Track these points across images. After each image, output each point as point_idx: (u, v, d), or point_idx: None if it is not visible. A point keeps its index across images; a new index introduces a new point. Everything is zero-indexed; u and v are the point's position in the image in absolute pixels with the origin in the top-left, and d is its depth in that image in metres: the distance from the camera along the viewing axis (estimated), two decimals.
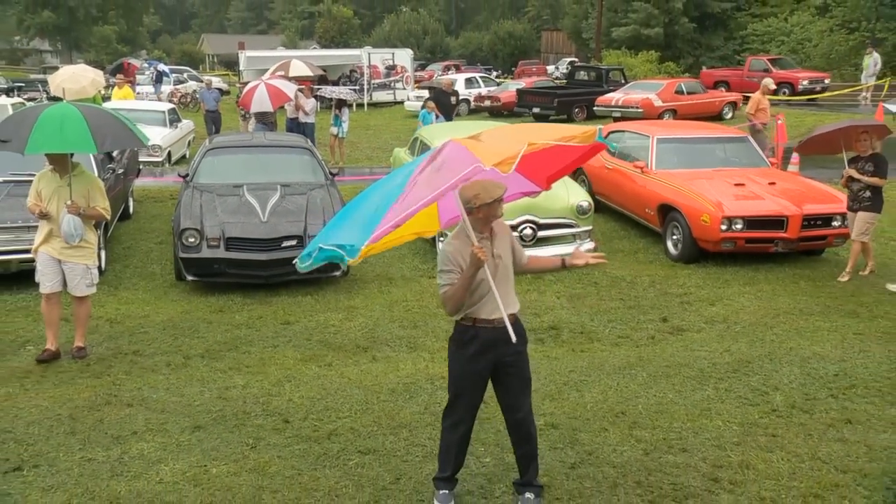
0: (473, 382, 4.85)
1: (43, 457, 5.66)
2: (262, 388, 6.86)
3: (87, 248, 7.35)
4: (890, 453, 5.66)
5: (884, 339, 7.90)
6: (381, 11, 78.51)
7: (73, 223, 7.03)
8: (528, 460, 4.97)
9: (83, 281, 7.32)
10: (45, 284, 7.26)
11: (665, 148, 11.92)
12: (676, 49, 42.71)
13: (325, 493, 5.17)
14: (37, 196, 7.19)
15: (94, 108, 8.34)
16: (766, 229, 10.18)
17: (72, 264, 7.26)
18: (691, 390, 6.74)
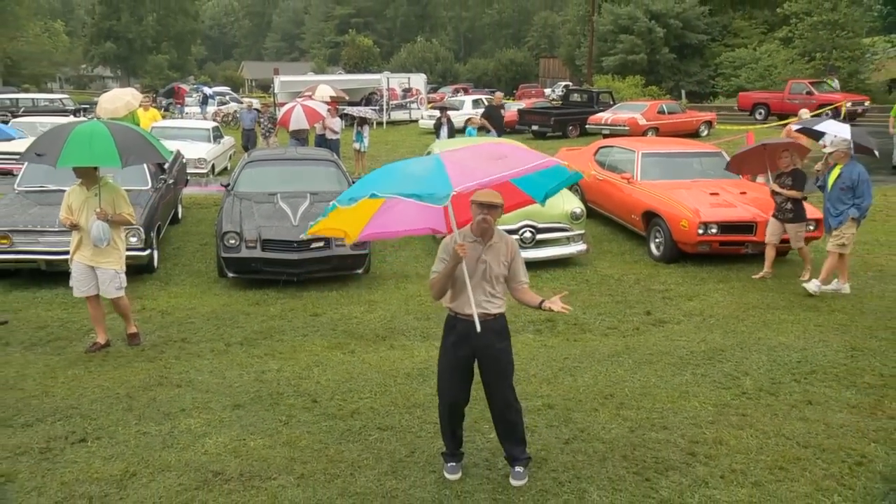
0: (452, 367, 4.91)
1: (104, 430, 5.73)
2: (294, 371, 6.91)
3: (116, 253, 7.30)
4: (845, 430, 5.67)
5: (840, 331, 7.89)
6: (399, 41, 78.51)
7: (101, 228, 7.01)
8: (505, 439, 5.01)
9: (112, 284, 7.27)
10: (79, 289, 7.24)
11: (649, 161, 11.90)
12: (659, 74, 42.61)
13: (349, 464, 5.20)
14: (68, 210, 7.14)
15: (122, 126, 8.29)
16: (737, 233, 10.17)
17: (102, 269, 7.21)
18: (671, 375, 6.74)
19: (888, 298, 9.03)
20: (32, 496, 4.85)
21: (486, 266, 4.72)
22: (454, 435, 5.08)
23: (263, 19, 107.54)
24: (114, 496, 4.83)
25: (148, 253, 9.77)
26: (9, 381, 6.61)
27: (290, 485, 4.94)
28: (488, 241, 4.74)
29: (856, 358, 7.15)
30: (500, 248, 4.77)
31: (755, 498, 4.80)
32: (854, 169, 8.74)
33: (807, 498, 4.81)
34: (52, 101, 32.66)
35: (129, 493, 4.86)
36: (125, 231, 8.62)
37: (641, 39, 42.27)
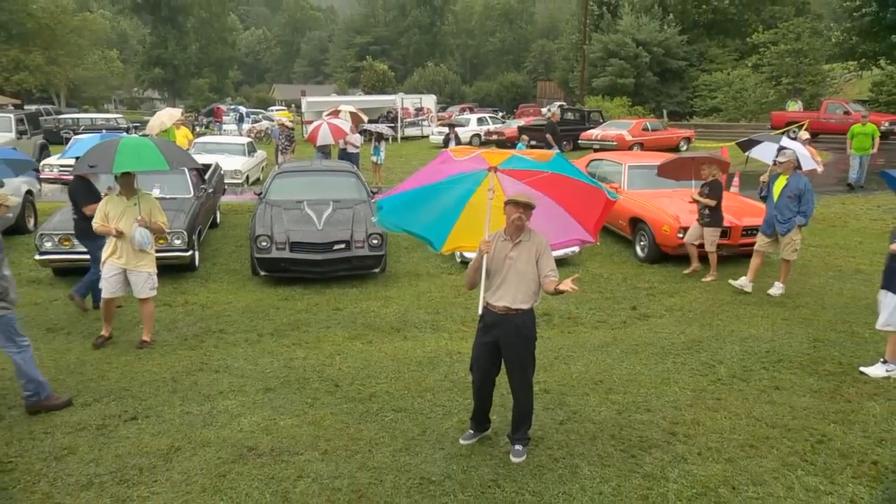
0: (480, 350, 4.96)
1: (152, 409, 5.76)
2: (318, 359, 6.92)
3: (149, 257, 7.25)
4: (808, 413, 5.67)
5: (804, 324, 7.87)
6: (412, 66, 78.51)
7: (144, 234, 7.02)
8: (517, 421, 5.03)
9: (146, 285, 7.22)
10: (108, 290, 7.17)
11: (635, 173, 11.87)
12: (643, 96, 42.56)
13: (367, 441, 5.22)
14: (103, 217, 7.08)
15: (162, 139, 8.48)
16: None
17: (137, 272, 7.16)
18: (654, 363, 6.74)
19: (846, 295, 9.01)
20: (91, 466, 4.89)
21: (513, 262, 4.72)
22: (479, 409, 5.15)
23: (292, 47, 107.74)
24: (161, 468, 4.86)
25: (190, 254, 9.81)
26: (70, 366, 6.66)
27: (315, 459, 4.96)
28: (517, 239, 4.74)
29: (818, 348, 7.14)
30: (529, 246, 4.75)
31: (728, 472, 4.79)
32: (800, 179, 8.71)
33: (774, 472, 4.80)
34: (108, 120, 32.77)
35: (174, 466, 4.89)
36: (169, 234, 8.68)
37: (628, 64, 42.16)
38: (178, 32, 70.12)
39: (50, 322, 7.98)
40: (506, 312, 4.73)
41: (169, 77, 70.34)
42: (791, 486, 4.65)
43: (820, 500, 4.53)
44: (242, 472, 4.81)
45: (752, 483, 4.68)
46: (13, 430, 5.46)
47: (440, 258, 10.87)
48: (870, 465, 4.92)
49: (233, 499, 4.51)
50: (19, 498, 4.55)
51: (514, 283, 4.73)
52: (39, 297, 8.90)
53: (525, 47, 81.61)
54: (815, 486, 4.67)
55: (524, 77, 72.97)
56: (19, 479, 4.76)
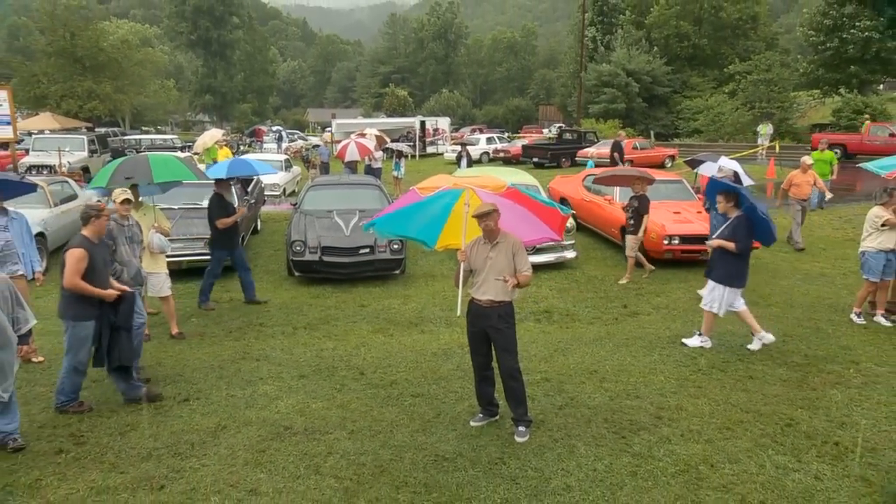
0: (471, 339, 5.08)
1: (202, 392, 5.81)
2: (346, 350, 6.94)
3: (164, 260, 7.24)
4: (778, 399, 5.64)
5: (775, 320, 7.79)
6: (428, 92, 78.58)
7: (161, 238, 7.08)
8: (511, 402, 5.04)
9: (165, 284, 7.20)
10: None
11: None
12: (633, 119, 42.41)
13: (388, 423, 5.23)
14: None
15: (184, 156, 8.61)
16: (694, 243, 10.05)
17: (155, 274, 7.12)
18: (643, 355, 6.71)
19: (811, 296, 8.93)
20: (150, 441, 4.94)
21: (493, 261, 4.82)
22: (482, 393, 5.19)
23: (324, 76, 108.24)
24: (210, 443, 4.90)
25: None
26: None
27: (342, 438, 4.98)
28: (494, 241, 4.83)
29: (787, 342, 7.08)
30: (505, 246, 4.84)
31: (707, 452, 4.77)
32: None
33: (748, 452, 4.78)
34: (165, 140, 33.15)
35: (221, 442, 4.93)
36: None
37: (620, 91, 42.12)
38: (226, 64, 70.71)
39: None
40: (490, 305, 4.85)
41: (217, 103, 70.98)
42: (763, 464, 4.62)
43: (788, 476, 4.49)
44: (280, 448, 4.83)
45: (728, 461, 4.65)
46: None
47: (454, 261, 10.86)
48: (832, 445, 4.90)
49: (271, 471, 4.53)
50: (91, 467, 4.60)
51: (496, 278, 4.82)
52: None
53: (528, 76, 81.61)
54: (784, 464, 4.64)
55: (527, 102, 72.93)
56: (90, 450, 4.83)
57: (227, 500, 4.20)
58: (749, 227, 6.61)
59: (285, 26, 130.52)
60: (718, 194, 6.84)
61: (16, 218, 6.83)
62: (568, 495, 4.25)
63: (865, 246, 7.61)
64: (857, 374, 6.23)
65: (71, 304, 5.34)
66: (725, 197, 6.71)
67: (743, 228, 6.60)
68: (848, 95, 33.85)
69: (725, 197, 6.71)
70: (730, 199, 6.68)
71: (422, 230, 5.19)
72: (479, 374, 5.14)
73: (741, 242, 6.56)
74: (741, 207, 6.63)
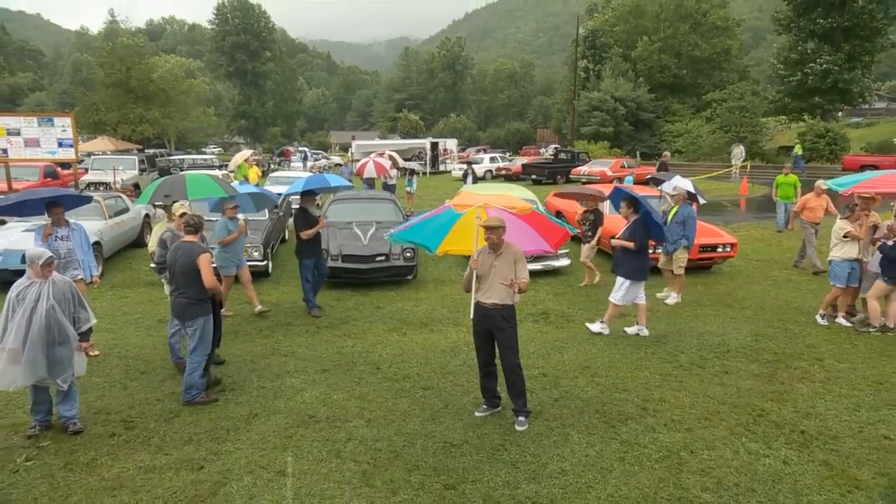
0: (477, 338, 5.09)
1: (236, 384, 5.83)
2: (364, 347, 6.94)
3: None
4: (750, 392, 5.61)
5: (748, 321, 7.76)
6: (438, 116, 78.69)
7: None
8: (512, 394, 5.03)
9: None
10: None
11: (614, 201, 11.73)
12: (621, 141, 42.36)
13: (402, 412, 5.23)
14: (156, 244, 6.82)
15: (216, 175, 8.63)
16: None
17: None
18: (630, 353, 6.67)
19: (780, 300, 8.85)
20: (191, 426, 4.97)
21: (497, 269, 4.83)
22: (486, 386, 5.19)
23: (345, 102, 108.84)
24: (243, 429, 4.92)
25: (265, 263, 9.90)
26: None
27: (361, 426, 4.98)
28: (498, 251, 4.85)
29: (758, 341, 7.03)
30: (507, 255, 4.87)
31: (688, 439, 4.74)
32: (686, 209, 8.62)
33: (723, 439, 4.75)
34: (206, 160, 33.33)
35: (253, 428, 4.95)
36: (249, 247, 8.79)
37: (609, 116, 42.11)
38: (259, 92, 71.29)
39: (160, 314, 8.09)
40: (494, 307, 4.86)
41: (251, 126, 71.58)
42: (737, 451, 4.60)
43: (759, 461, 4.46)
44: (305, 434, 4.84)
45: (706, 448, 4.63)
46: (135, 396, 5.57)
47: (460, 268, 10.88)
48: (799, 433, 4.87)
49: (297, 455, 4.54)
50: (140, 449, 4.64)
51: (498, 284, 4.83)
52: (153, 296, 9.03)
53: (527, 102, 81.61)
54: (755, 450, 4.61)
55: (526, 125, 72.83)
56: (139, 434, 4.87)
57: (258, 480, 4.21)
58: (646, 228, 6.94)
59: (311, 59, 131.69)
60: (622, 201, 7.16)
61: (76, 228, 6.89)
62: (563, 478, 4.24)
63: (832, 255, 7.57)
64: (821, 369, 6.18)
65: (202, 303, 5.38)
66: (627, 203, 7.09)
67: (640, 230, 6.95)
68: (811, 121, 34.17)
69: (627, 203, 7.09)
70: (630, 205, 7.08)
71: (427, 237, 5.31)
72: (484, 369, 5.14)
73: (639, 241, 6.90)
74: (639, 212, 6.93)
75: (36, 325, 4.55)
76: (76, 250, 6.76)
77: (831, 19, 32.55)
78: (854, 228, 7.34)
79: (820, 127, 32.42)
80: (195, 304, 5.36)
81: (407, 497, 4.03)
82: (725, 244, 10.15)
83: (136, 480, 4.23)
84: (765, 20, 55.78)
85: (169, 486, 4.15)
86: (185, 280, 5.31)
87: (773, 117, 39.61)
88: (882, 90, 67.31)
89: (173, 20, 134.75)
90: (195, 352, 5.40)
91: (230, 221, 7.82)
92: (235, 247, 7.84)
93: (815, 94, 34.06)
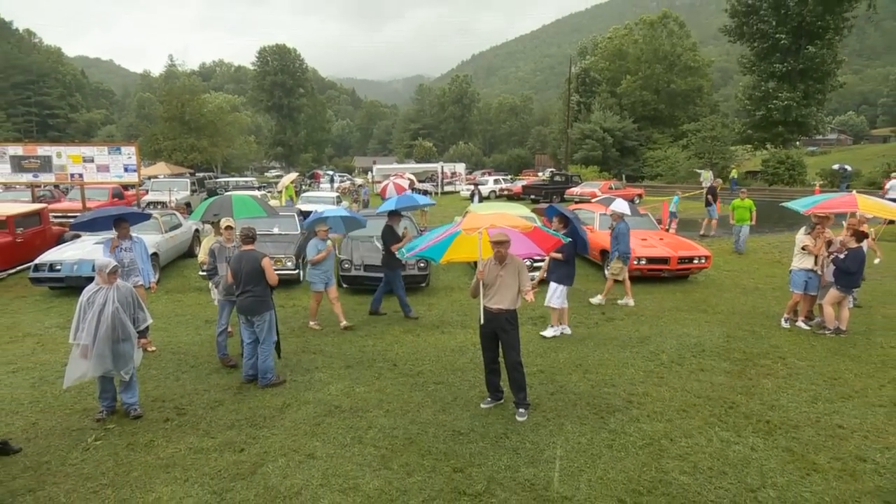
0: (483, 339, 5.05)
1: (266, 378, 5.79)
2: (382, 346, 6.93)
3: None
4: (723, 387, 5.56)
5: (721, 324, 7.69)
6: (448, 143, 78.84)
7: None
8: (514, 388, 5.00)
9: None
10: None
11: (603, 219, 11.66)
12: (609, 165, 42.36)
13: (416, 404, 5.22)
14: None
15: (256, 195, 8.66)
16: (658, 264, 9.96)
17: None
18: (617, 352, 6.63)
19: (748, 305, 8.77)
20: (233, 414, 4.99)
21: (503, 278, 4.83)
22: (490, 382, 5.16)
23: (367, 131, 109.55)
24: (277, 417, 4.94)
25: (297, 272, 9.91)
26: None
27: (380, 415, 4.98)
28: (503, 262, 4.84)
29: (730, 342, 6.96)
30: (511, 266, 4.86)
31: (668, 429, 4.70)
32: (621, 225, 8.70)
33: (699, 429, 4.70)
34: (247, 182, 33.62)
35: (286, 416, 4.96)
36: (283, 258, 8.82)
37: (598, 143, 42.23)
38: (293, 123, 72.04)
39: (207, 316, 8.16)
40: (499, 312, 4.83)
41: (285, 153, 72.25)
42: (711, 438, 4.55)
43: (730, 448, 4.42)
44: (331, 422, 4.85)
45: (684, 436, 4.59)
46: (185, 387, 5.61)
47: (468, 276, 10.88)
48: (764, 423, 4.83)
49: (324, 440, 4.55)
50: (190, 432, 4.67)
51: (503, 291, 4.82)
52: (201, 300, 9.10)
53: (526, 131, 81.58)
54: (727, 438, 4.57)
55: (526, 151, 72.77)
56: (189, 420, 4.91)
57: (290, 462, 4.22)
58: (574, 241, 6.97)
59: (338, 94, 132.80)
60: (554, 217, 7.25)
61: (137, 241, 6.99)
62: (558, 463, 4.21)
63: (792, 265, 7.54)
64: (784, 367, 6.11)
65: (267, 300, 5.51)
66: (558, 219, 7.18)
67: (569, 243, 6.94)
68: (773, 150, 34.43)
69: (558, 219, 7.18)
70: (561, 221, 7.15)
71: (432, 250, 5.31)
72: (489, 366, 5.11)
73: (567, 252, 7.02)
74: (568, 227, 7.01)
75: (103, 325, 4.62)
76: (137, 260, 6.85)
77: (787, 63, 33.09)
78: (811, 243, 7.32)
79: (781, 154, 32.47)
80: (262, 301, 5.50)
81: (420, 478, 4.02)
82: (701, 256, 10.09)
83: (186, 459, 4.27)
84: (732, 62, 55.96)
85: (214, 466, 4.18)
86: (253, 281, 5.44)
87: (740, 146, 39.70)
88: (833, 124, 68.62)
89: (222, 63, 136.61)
90: (266, 342, 5.55)
91: (320, 242, 7.47)
92: (324, 265, 7.50)
93: (776, 126, 34.40)
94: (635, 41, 47.33)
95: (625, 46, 47.66)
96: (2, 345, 6.94)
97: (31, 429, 4.77)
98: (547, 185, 30.30)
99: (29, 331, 7.53)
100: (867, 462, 4.25)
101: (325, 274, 7.56)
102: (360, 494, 3.84)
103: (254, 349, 5.64)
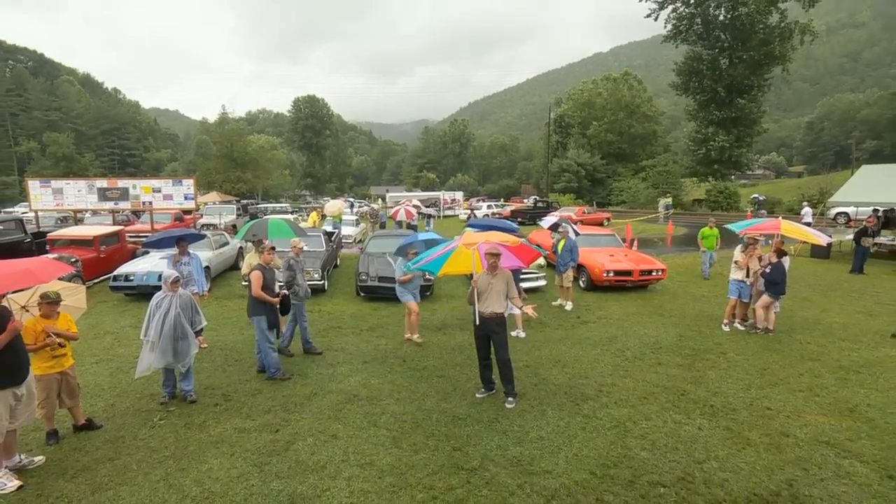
0: (477, 339, 5.04)
1: (301, 371, 5.82)
2: (393, 345, 6.90)
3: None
4: (676, 378, 5.54)
5: (674, 325, 7.68)
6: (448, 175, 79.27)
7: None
8: (504, 381, 4.98)
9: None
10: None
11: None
12: (582, 193, 42.79)
13: (421, 394, 5.21)
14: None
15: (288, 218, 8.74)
16: (623, 276, 9.92)
17: None
18: (590, 350, 6.62)
19: (697, 310, 8.74)
20: (269, 400, 4.99)
21: (493, 286, 4.84)
22: (484, 375, 5.14)
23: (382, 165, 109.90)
24: (306, 404, 4.94)
25: (323, 282, 9.90)
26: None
27: (392, 403, 4.98)
28: (495, 273, 4.86)
29: (682, 340, 6.96)
30: (501, 276, 4.88)
31: (631, 413, 4.71)
32: (571, 240, 8.89)
33: (657, 412, 4.71)
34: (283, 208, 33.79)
35: (314, 403, 4.96)
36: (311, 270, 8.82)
37: (573, 175, 42.81)
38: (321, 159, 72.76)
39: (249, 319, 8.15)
40: (491, 315, 4.82)
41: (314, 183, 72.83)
42: (666, 421, 4.56)
43: (682, 428, 4.43)
44: (351, 409, 4.85)
45: (644, 419, 4.59)
46: (231, 377, 5.61)
47: (465, 287, 10.88)
48: (709, 407, 4.84)
49: (345, 423, 4.55)
50: (235, 415, 4.68)
51: (494, 298, 4.83)
52: (244, 305, 9.01)
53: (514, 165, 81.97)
54: (679, 419, 4.58)
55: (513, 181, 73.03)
56: (234, 405, 4.92)
57: (317, 441, 4.23)
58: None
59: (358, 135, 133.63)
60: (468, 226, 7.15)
61: (194, 257, 7.05)
62: (540, 442, 4.22)
63: (730, 277, 7.64)
64: (725, 360, 6.11)
65: (255, 306, 5.47)
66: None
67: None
68: (714, 182, 35.20)
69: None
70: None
71: (431, 264, 5.30)
72: (482, 362, 5.11)
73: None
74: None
75: (168, 325, 4.69)
76: (194, 272, 6.91)
77: (723, 112, 34.36)
78: (742, 258, 7.44)
79: (720, 186, 33.52)
80: (251, 307, 5.53)
81: (425, 455, 4.02)
82: (658, 269, 10.11)
83: (232, 437, 4.28)
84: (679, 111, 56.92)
85: (255, 443, 4.19)
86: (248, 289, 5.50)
87: (688, 178, 40.46)
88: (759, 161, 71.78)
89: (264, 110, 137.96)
90: (257, 342, 5.61)
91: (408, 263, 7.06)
92: (410, 284, 7.15)
93: (715, 163, 35.54)
94: (600, 93, 48.97)
95: (592, 97, 49.05)
96: (87, 340, 6.97)
97: (109, 409, 4.84)
98: (531, 210, 30.47)
99: (108, 329, 7.57)
100: (790, 437, 4.29)
101: (413, 292, 7.17)
102: (375, 468, 3.85)
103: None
